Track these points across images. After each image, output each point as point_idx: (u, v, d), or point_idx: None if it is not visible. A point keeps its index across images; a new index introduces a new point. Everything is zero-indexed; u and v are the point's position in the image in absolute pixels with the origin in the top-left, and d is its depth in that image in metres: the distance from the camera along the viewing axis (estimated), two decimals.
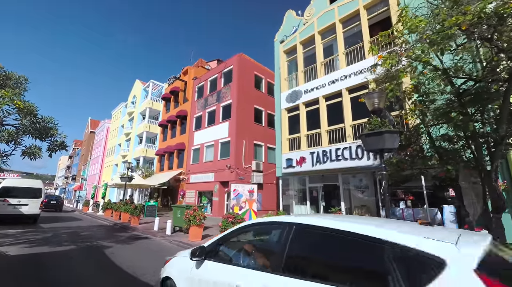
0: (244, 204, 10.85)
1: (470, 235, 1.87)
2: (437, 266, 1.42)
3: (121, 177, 15.82)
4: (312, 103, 13.19)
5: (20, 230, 10.74)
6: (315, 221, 2.25)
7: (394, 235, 1.68)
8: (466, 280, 1.32)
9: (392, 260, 1.58)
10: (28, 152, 6.18)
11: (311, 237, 2.19)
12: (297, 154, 12.95)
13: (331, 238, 2.01)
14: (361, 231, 1.85)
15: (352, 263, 1.92)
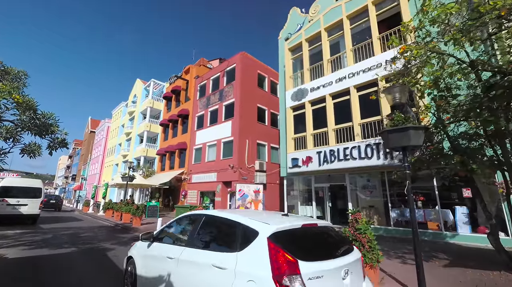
0: (249, 204, 10.56)
1: (286, 219, 2.95)
2: (255, 234, 2.58)
3: (123, 177, 15.50)
4: (318, 102, 12.90)
5: (19, 231, 10.43)
6: (216, 213, 3.49)
7: (242, 219, 2.90)
8: (263, 241, 2.45)
9: (240, 230, 2.79)
10: (27, 150, 5.88)
11: (213, 221, 3.40)
12: (303, 153, 12.65)
13: (219, 222, 3.30)
14: (232, 217, 3.07)
15: (228, 235, 3.03)
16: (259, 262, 2.37)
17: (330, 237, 3.03)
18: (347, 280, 2.52)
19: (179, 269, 3.12)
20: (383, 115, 10.19)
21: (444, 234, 9.15)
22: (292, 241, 2.56)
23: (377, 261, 4.20)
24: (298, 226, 2.73)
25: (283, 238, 2.50)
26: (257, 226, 2.66)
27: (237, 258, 2.55)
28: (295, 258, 2.30)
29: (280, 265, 2.26)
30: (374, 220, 11.30)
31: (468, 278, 4.96)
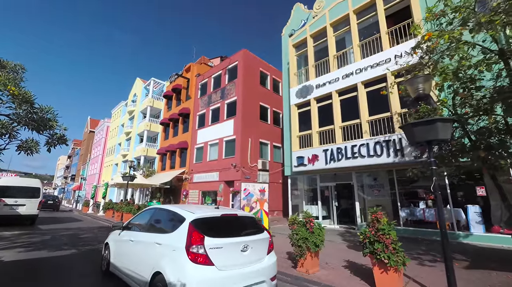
0: (255, 204, 10.22)
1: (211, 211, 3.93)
2: (183, 220, 3.54)
3: (123, 176, 15.17)
4: (324, 99, 12.59)
5: (17, 232, 10.09)
6: (162, 206, 4.48)
7: (178, 210, 3.90)
8: (186, 224, 3.40)
9: (175, 218, 3.78)
10: (24, 146, 5.55)
11: (160, 213, 4.39)
12: (308, 152, 12.34)
13: (163, 213, 4.30)
14: (171, 209, 4.11)
15: (167, 221, 4.03)
16: (181, 238, 3.40)
17: (242, 223, 4.08)
18: (247, 253, 3.55)
19: (135, 247, 4.27)
20: (392, 111, 9.88)
21: (457, 234, 8.85)
22: (206, 224, 3.54)
23: (403, 264, 3.89)
24: (217, 215, 3.85)
25: (200, 222, 3.52)
26: (186, 214, 3.68)
27: (170, 237, 3.65)
28: (203, 235, 3.33)
29: (191, 239, 3.29)
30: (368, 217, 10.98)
31: (495, 281, 4.66)
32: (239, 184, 17.43)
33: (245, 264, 3.49)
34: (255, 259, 3.62)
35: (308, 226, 5.13)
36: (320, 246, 5.01)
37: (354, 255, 6.62)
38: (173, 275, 3.17)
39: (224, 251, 3.35)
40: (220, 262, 3.26)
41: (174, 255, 3.35)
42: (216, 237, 3.39)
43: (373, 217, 4.42)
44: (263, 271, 3.62)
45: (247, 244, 3.55)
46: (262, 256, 3.74)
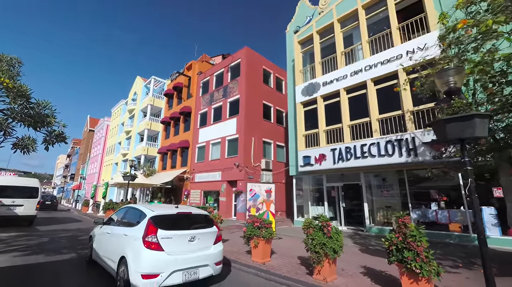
0: (261, 205, 9.86)
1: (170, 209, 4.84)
2: (145, 216, 4.46)
3: (124, 176, 14.79)
4: (331, 96, 12.23)
5: (14, 234, 9.71)
6: (135, 206, 5.32)
7: (142, 208, 4.81)
8: (146, 221, 4.32)
9: (140, 214, 4.68)
10: (20, 144, 5.18)
11: (131, 211, 5.20)
12: (315, 151, 11.98)
13: (135, 210, 5.03)
14: (138, 207, 4.99)
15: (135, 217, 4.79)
16: (141, 230, 4.24)
17: (193, 219, 4.91)
18: (194, 242, 4.44)
19: (111, 238, 5.12)
20: (404, 109, 9.51)
21: (472, 237, 8.50)
22: (162, 220, 4.40)
23: (436, 274, 3.53)
24: (173, 213, 4.71)
25: (157, 218, 4.38)
26: (147, 212, 4.56)
27: (134, 229, 4.47)
28: (157, 228, 4.20)
29: (147, 231, 4.14)
30: (392, 221, 10.64)
31: None
32: (242, 184, 17.08)
33: (192, 251, 4.42)
34: (201, 248, 4.55)
35: (326, 230, 4.77)
36: (339, 252, 4.65)
37: (370, 260, 6.26)
38: (132, 258, 4.12)
39: (173, 240, 4.28)
40: (169, 248, 4.18)
41: (135, 243, 4.22)
42: (167, 229, 4.30)
43: (400, 222, 4.05)
44: (208, 257, 4.55)
45: (194, 235, 4.50)
46: (208, 245, 4.68)
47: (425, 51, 8.87)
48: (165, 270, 4.01)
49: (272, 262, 6.05)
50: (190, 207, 5.86)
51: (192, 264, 4.31)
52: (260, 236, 5.94)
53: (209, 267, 4.52)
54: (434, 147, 8.42)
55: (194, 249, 4.42)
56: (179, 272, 4.13)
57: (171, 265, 4.08)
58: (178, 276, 4.11)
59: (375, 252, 7.30)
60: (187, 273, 4.23)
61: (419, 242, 3.65)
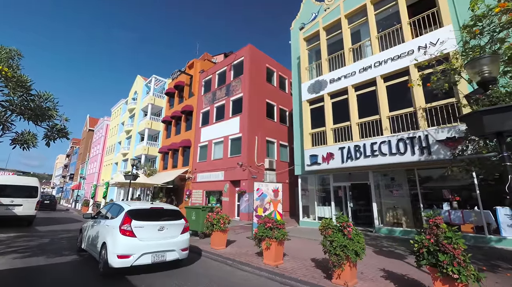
0: (268, 205, 9.56)
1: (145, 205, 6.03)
2: (123, 210, 5.46)
3: (125, 175, 14.47)
4: (339, 94, 11.94)
5: (13, 235, 9.38)
6: (118, 202, 6.21)
7: (122, 204, 5.88)
8: (124, 212, 5.33)
9: (120, 209, 5.66)
10: (19, 140, 4.86)
11: (114, 206, 6.12)
12: (323, 150, 11.68)
13: (116, 206, 6.03)
14: (119, 203, 6.06)
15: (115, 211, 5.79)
16: (119, 221, 5.16)
17: (164, 213, 5.87)
18: (163, 231, 5.40)
19: (96, 229, 5.99)
20: (416, 106, 9.23)
21: (488, 238, 8.22)
22: (137, 213, 5.38)
23: (476, 280, 3.23)
24: (147, 207, 5.81)
25: (133, 211, 5.35)
26: (126, 207, 5.52)
27: (114, 220, 5.37)
28: (131, 219, 5.17)
29: (124, 221, 5.10)
30: (402, 221, 10.38)
31: None
32: (245, 184, 16.78)
33: (161, 238, 5.37)
34: (170, 236, 5.51)
35: (346, 232, 4.47)
36: (361, 255, 4.36)
37: (387, 262, 5.97)
38: (110, 243, 5.03)
39: (144, 229, 5.24)
40: (140, 235, 5.14)
41: (113, 231, 5.15)
42: (140, 220, 5.29)
43: (431, 222, 3.75)
44: (175, 243, 5.50)
45: (163, 226, 5.47)
46: (176, 234, 5.63)
47: (438, 46, 8.60)
48: (136, 252, 5.00)
49: (285, 264, 5.75)
50: (164, 204, 6.80)
51: (160, 249, 5.28)
52: (273, 237, 5.64)
53: (176, 252, 5.49)
54: (448, 144, 8.14)
55: (163, 236, 5.44)
56: (148, 255, 5.12)
57: (142, 249, 5.06)
58: (148, 258, 5.11)
59: (390, 253, 7.01)
60: (156, 256, 5.21)
61: (456, 244, 3.36)
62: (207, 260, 6.40)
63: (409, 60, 9.55)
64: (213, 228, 7.31)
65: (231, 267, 5.83)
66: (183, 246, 5.63)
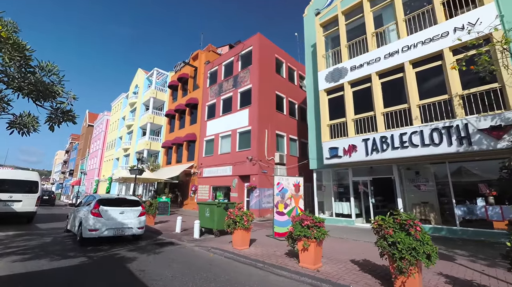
0: (289, 200, 8.82)
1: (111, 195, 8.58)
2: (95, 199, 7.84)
3: (131, 169, 13.69)
4: (361, 82, 11.14)
5: (12, 233, 8.61)
6: (93, 195, 8.72)
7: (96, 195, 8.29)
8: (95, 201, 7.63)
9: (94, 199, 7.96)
10: (18, 123, 4.08)
11: (90, 197, 8.52)
12: (343, 142, 10.92)
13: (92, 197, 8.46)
14: (95, 195, 8.41)
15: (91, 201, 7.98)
16: (91, 206, 7.30)
17: (126, 201, 8.02)
18: (123, 214, 7.58)
19: (77, 213, 7.92)
20: (452, 93, 8.45)
21: None
22: (105, 201, 7.58)
23: None
24: (113, 197, 7.96)
25: (102, 200, 7.58)
26: (97, 197, 7.75)
27: (88, 206, 7.54)
28: (99, 205, 7.35)
29: (94, 206, 7.26)
30: (431, 218, 9.67)
31: None
32: (255, 179, 16.05)
33: (122, 219, 7.46)
34: (128, 217, 7.61)
35: (413, 231, 3.72)
36: (433, 260, 3.61)
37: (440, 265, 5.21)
38: (84, 221, 7.02)
39: (109, 212, 7.30)
40: (106, 216, 7.20)
41: (87, 214, 7.15)
42: (106, 206, 7.40)
43: None
44: (132, 223, 7.60)
45: (124, 210, 7.59)
46: (134, 217, 7.75)
47: (478, 27, 7.81)
48: (102, 228, 7.02)
49: (325, 268, 5.01)
50: (128, 195, 9.80)
51: (120, 226, 7.37)
52: (312, 237, 4.90)
53: (133, 229, 7.61)
54: (493, 133, 7.39)
55: (124, 218, 7.55)
56: (111, 230, 7.16)
57: (106, 225, 7.11)
58: (110, 232, 7.16)
59: None
60: (116, 231, 7.27)
61: None
62: (232, 262, 5.66)
63: (441, 44, 8.76)
64: (235, 226, 6.56)
65: (262, 270, 5.09)
66: (140, 226, 7.81)
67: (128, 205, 7.85)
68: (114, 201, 7.72)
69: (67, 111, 4.42)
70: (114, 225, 7.21)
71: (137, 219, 7.73)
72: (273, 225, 8.49)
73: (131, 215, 7.68)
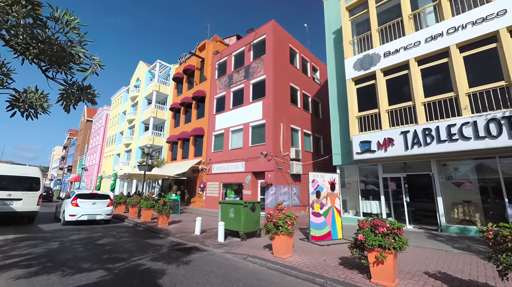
0: (325, 200, 7.86)
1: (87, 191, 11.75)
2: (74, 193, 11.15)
3: (139, 165, 12.65)
4: (396, 69, 10.15)
5: (11, 237, 7.58)
6: (73, 190, 13.45)
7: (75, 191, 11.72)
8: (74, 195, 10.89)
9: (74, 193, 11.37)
10: (21, 101, 3.07)
11: (72, 193, 11.80)
12: (377, 135, 9.95)
13: (72, 192, 12.27)
14: (75, 191, 11.61)
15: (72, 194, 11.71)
16: (72, 198, 10.45)
17: (97, 195, 11.16)
18: (95, 205, 10.70)
19: (62, 204, 11.31)
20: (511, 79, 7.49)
21: None
22: (81, 195, 10.68)
23: None
24: (88, 193, 11.21)
25: (79, 194, 10.72)
26: (76, 192, 11.07)
27: (70, 199, 10.57)
28: (77, 198, 10.51)
29: (73, 199, 10.39)
30: (476, 219, 8.78)
31: None
32: (271, 175, 15.07)
33: (94, 208, 10.57)
34: (99, 207, 10.71)
35: None
36: None
37: None
38: (66, 209, 10.16)
39: (84, 203, 10.43)
40: (82, 206, 10.32)
41: (68, 204, 10.23)
42: (82, 199, 10.52)
43: None
44: (102, 211, 10.70)
45: (95, 201, 10.72)
46: (103, 206, 10.82)
47: None
48: (79, 213, 10.07)
49: (405, 285, 4.06)
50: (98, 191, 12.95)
51: (93, 213, 10.43)
52: (390, 248, 3.94)
53: (102, 215, 10.63)
54: None
55: (95, 207, 10.58)
56: (85, 215, 10.19)
57: (82, 212, 10.14)
58: (85, 217, 10.18)
59: None
60: (90, 216, 10.32)
61: None
62: (281, 276, 4.69)
63: (500, 23, 7.77)
64: (277, 231, 5.58)
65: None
66: (107, 213, 10.84)
67: (99, 198, 10.96)
68: (88, 195, 10.87)
69: (85, 88, 3.37)
70: (88, 212, 10.32)
71: (106, 208, 10.83)
72: (309, 228, 7.53)
73: (101, 206, 10.77)
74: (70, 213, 9.89)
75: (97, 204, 10.63)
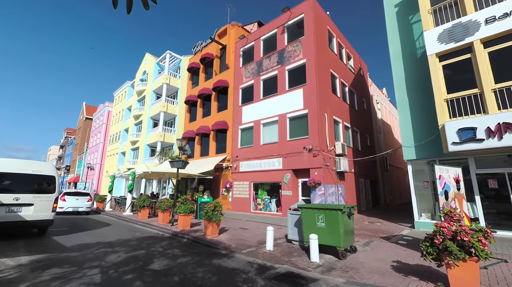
0: (453, 202, 5.86)
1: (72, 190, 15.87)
2: (62, 192, 15.66)
3: (172, 161, 10.46)
4: (502, 39, 8.17)
5: (26, 259, 5.37)
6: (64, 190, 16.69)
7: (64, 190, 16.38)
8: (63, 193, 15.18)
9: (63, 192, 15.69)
10: None
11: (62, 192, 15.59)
12: (483, 120, 7.94)
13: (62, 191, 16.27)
14: (63, 190, 16.19)
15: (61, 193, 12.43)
16: (60, 196, 13.49)
17: (80, 193, 15.30)
18: (78, 200, 14.81)
19: None
20: None
21: None
22: (68, 193, 14.92)
23: None
24: (73, 191, 15.45)
25: (65, 192, 15.04)
26: (64, 191, 15.49)
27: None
28: (65, 195, 14.64)
29: (61, 195, 14.23)
30: None
31: None
32: (318, 173, 13.00)
33: (77, 203, 14.62)
34: (81, 202, 14.79)
35: None
36: None
37: None
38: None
39: (70, 199, 14.48)
40: (68, 200, 14.40)
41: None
42: (68, 196, 14.58)
43: None
44: (84, 205, 14.83)
45: (78, 198, 14.76)
46: (84, 201, 14.91)
47: None
48: (66, 206, 14.21)
49: None
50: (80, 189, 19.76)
51: (76, 206, 14.54)
52: None
53: (83, 208, 14.75)
54: None
55: (78, 202, 14.65)
56: (70, 208, 14.32)
57: (68, 205, 14.27)
58: (70, 209, 14.33)
59: None
60: (74, 209, 14.44)
61: None
62: None
63: None
64: (461, 254, 3.50)
65: None
66: (87, 206, 14.97)
67: (81, 195, 15.00)
68: (73, 193, 15.02)
69: None
70: (72, 205, 14.38)
71: (86, 203, 14.91)
72: None
73: (83, 201, 14.82)
74: (59, 206, 12.91)
75: (80, 199, 14.69)
